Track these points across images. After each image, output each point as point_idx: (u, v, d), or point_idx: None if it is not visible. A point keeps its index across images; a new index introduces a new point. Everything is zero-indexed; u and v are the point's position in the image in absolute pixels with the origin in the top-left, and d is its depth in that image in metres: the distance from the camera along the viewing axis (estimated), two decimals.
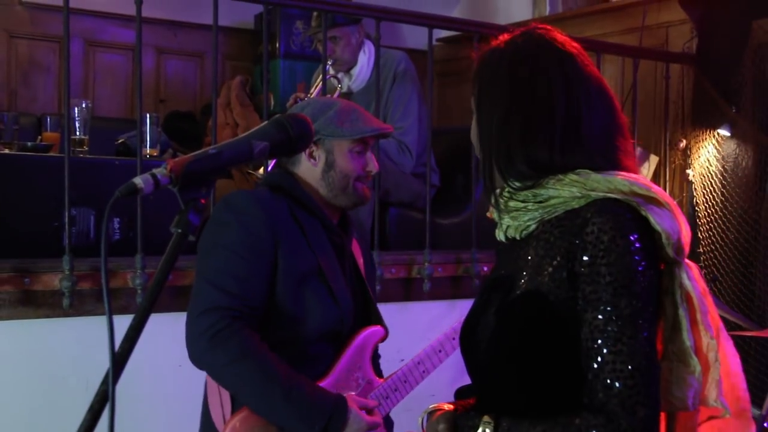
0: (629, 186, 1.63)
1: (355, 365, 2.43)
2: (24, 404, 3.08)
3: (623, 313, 1.56)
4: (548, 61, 1.74)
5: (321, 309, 2.37)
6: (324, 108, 2.49)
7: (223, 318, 2.20)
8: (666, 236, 1.61)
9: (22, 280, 3.11)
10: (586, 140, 1.69)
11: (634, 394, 1.54)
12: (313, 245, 2.40)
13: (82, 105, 3.93)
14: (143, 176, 1.30)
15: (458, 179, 4.74)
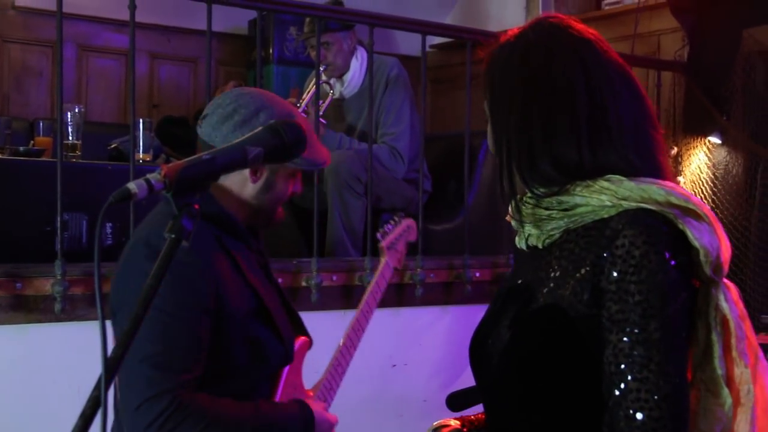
0: (665, 196, 1.48)
1: (293, 388, 2.29)
2: (15, 409, 3.07)
3: (652, 336, 1.41)
4: (563, 49, 1.60)
5: (269, 352, 2.19)
6: (260, 106, 2.23)
7: (170, 403, 1.93)
8: (705, 253, 1.46)
9: (14, 284, 3.09)
10: (615, 132, 1.55)
11: (659, 427, 1.39)
12: (249, 279, 2.17)
13: (75, 110, 3.92)
14: (137, 181, 1.29)
15: (450, 185, 4.74)
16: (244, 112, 2.20)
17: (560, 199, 1.54)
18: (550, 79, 1.58)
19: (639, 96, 1.62)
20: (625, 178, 1.50)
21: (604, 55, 1.61)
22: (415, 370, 3.79)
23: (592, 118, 1.54)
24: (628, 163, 1.53)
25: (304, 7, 4.29)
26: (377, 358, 3.59)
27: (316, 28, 4.12)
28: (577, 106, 1.55)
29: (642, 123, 1.60)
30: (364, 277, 3.79)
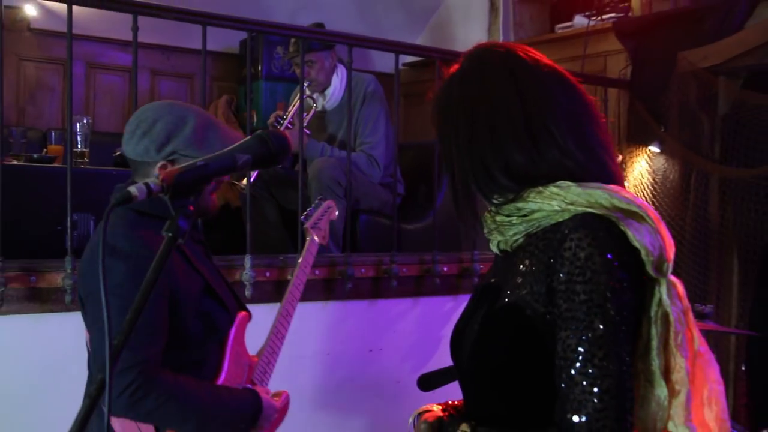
0: (610, 199, 1.46)
1: (238, 355, 2.30)
2: (30, 389, 3.06)
3: (596, 333, 1.39)
4: (492, 67, 1.59)
5: (217, 323, 2.24)
6: (179, 123, 2.20)
7: (137, 377, 2.00)
8: (645, 252, 1.43)
9: (29, 278, 3.09)
10: (556, 132, 1.52)
11: (601, 418, 1.37)
12: (195, 264, 2.22)
13: (84, 121, 3.91)
14: (138, 185, 1.29)
15: (421, 189, 4.75)
16: (144, 126, 2.20)
17: (517, 206, 1.53)
18: (486, 96, 1.57)
19: (576, 96, 1.59)
20: (573, 184, 1.48)
21: (533, 63, 1.59)
22: (389, 354, 3.80)
23: (530, 122, 1.52)
24: (574, 162, 1.51)
25: (290, 29, 4.30)
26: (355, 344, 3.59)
27: (300, 48, 4.12)
28: (514, 115, 1.53)
29: (583, 121, 1.57)
30: (344, 271, 3.79)
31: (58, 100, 5.96)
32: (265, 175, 4.53)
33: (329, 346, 3.45)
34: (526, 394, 1.51)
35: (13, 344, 3.08)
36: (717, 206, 4.66)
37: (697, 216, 4.70)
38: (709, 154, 4.69)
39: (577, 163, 1.51)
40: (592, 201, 1.46)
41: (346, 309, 3.78)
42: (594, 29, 5.46)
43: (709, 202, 4.69)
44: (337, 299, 3.80)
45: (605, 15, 5.57)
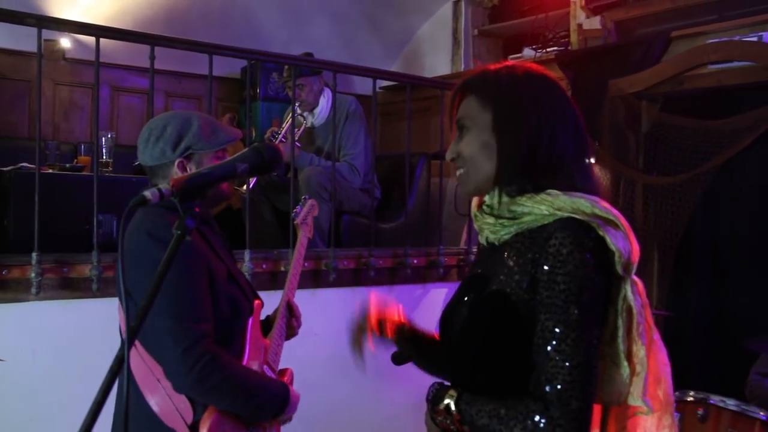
0: (591, 208, 1.46)
1: (256, 337, 2.21)
2: (62, 365, 3.05)
3: (571, 318, 1.41)
4: (552, 82, 1.60)
5: (242, 307, 2.15)
6: (185, 124, 2.16)
7: (205, 352, 1.92)
8: (618, 255, 1.45)
9: (61, 269, 3.08)
10: (575, 153, 1.54)
11: (569, 388, 1.39)
12: (219, 253, 2.14)
13: (108, 136, 3.90)
14: (151, 190, 1.27)
15: (395, 193, 4.75)
16: (156, 132, 2.16)
17: (510, 208, 1.51)
18: (556, 105, 1.56)
19: (582, 131, 1.59)
20: (561, 193, 1.48)
21: (565, 98, 1.59)
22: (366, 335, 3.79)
23: (573, 140, 1.54)
24: (572, 181, 1.51)
25: (284, 57, 4.30)
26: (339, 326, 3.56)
27: (292, 74, 4.11)
28: (568, 129, 1.54)
29: (583, 152, 1.58)
30: (329, 264, 3.78)
31: (87, 118, 5.92)
32: (261, 181, 4.51)
33: (316, 327, 3.43)
34: (506, 368, 1.50)
35: (49, 325, 3.07)
36: (641, 208, 4.68)
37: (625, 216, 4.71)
38: (634, 164, 4.71)
39: (576, 186, 1.52)
40: (575, 208, 1.46)
41: (330, 296, 3.77)
42: (540, 60, 5.47)
43: (635, 204, 4.71)
44: (323, 287, 3.79)
45: (549, 48, 5.59)
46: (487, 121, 1.56)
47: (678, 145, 4.40)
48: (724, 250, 4.42)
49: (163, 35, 3.54)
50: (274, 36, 6.23)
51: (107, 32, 3.38)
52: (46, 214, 3.04)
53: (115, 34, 3.46)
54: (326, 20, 6.50)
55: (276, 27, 6.28)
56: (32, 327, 3.02)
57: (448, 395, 1.55)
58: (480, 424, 1.49)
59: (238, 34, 5.69)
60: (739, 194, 4.33)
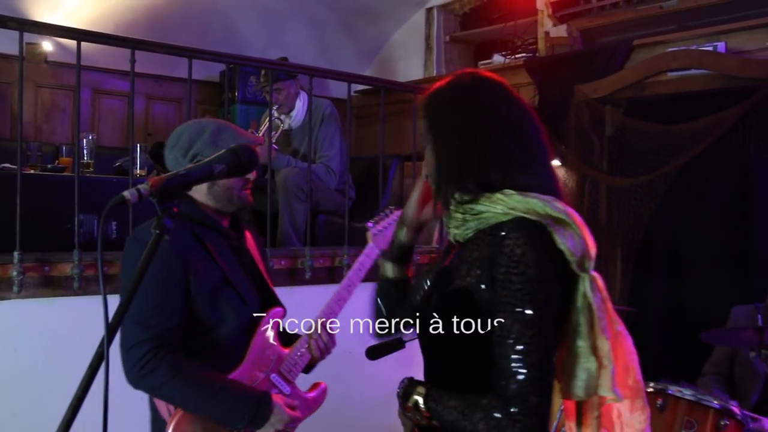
0: (544, 207, 1.46)
1: (265, 346, 2.15)
2: (43, 362, 3.01)
3: (526, 316, 1.41)
4: (485, 91, 1.58)
5: (234, 312, 2.08)
6: (198, 131, 2.15)
7: (148, 351, 1.93)
8: (569, 253, 1.44)
9: (43, 268, 3.05)
10: (528, 158, 1.54)
11: (527, 385, 1.39)
12: (217, 259, 2.09)
13: (89, 137, 3.86)
14: (130, 190, 1.27)
15: (369, 194, 4.75)
16: (173, 140, 2.15)
17: (471, 207, 1.52)
18: (480, 115, 1.55)
19: (529, 133, 1.58)
20: (515, 193, 1.48)
21: (514, 95, 1.59)
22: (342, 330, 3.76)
23: (509, 145, 1.53)
24: (529, 179, 1.51)
25: (261, 61, 4.27)
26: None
27: (269, 78, 4.09)
28: (499, 136, 1.53)
29: (533, 153, 1.57)
30: (305, 262, 3.77)
31: (69, 120, 5.86)
32: None
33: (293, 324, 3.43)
34: (469, 365, 1.51)
35: (31, 322, 3.03)
36: (605, 208, 4.72)
37: (590, 216, 4.76)
38: (599, 166, 4.75)
39: (531, 186, 1.51)
40: (528, 208, 1.46)
41: (306, 293, 3.75)
42: (509, 66, 5.51)
43: (599, 204, 4.75)
44: (299, 285, 3.77)
45: (518, 54, 5.62)
46: (429, 137, 1.61)
47: (640, 148, 4.45)
48: (682, 249, 4.48)
49: (144, 39, 3.52)
50: (252, 41, 6.20)
51: (89, 36, 3.34)
52: (28, 213, 3.00)
53: (97, 37, 3.43)
54: (303, 26, 6.48)
55: (254, 32, 6.26)
56: (14, 324, 2.99)
57: (417, 392, 1.55)
58: (446, 420, 1.50)
59: (217, 39, 5.65)
60: (697, 195, 4.38)
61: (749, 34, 4.15)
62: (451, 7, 6.56)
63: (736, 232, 4.18)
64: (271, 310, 2.20)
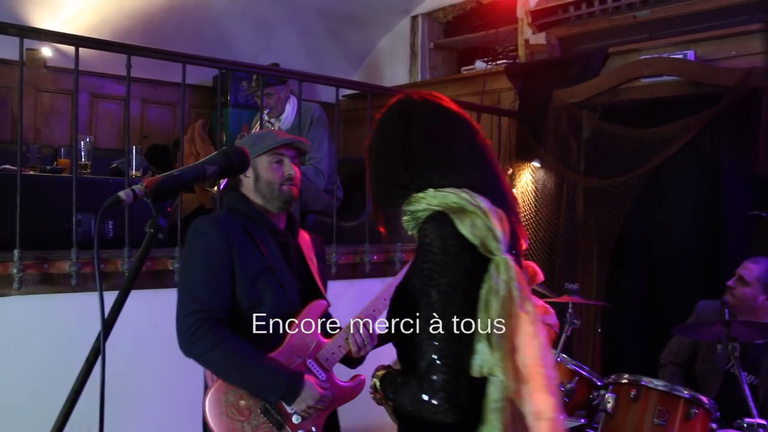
0: (456, 199, 1.52)
1: (304, 333, 2.23)
2: (43, 356, 3.00)
3: (431, 300, 1.46)
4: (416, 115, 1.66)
5: (273, 297, 2.19)
6: (252, 139, 2.38)
7: (197, 321, 2.09)
8: (471, 238, 1.47)
9: (42, 265, 3.04)
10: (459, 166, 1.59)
11: (433, 363, 1.44)
12: (262, 249, 2.22)
13: (87, 140, 3.83)
14: (125, 191, 1.28)
15: (356, 195, 4.75)
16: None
17: (406, 208, 1.59)
18: (411, 137, 1.63)
19: (476, 139, 1.65)
20: (432, 190, 1.56)
21: (454, 116, 1.66)
22: None
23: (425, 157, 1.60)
24: (458, 181, 1.57)
25: (253, 67, 4.28)
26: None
27: (260, 83, 4.09)
28: (427, 151, 1.61)
29: (483, 156, 1.65)
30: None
31: (67, 123, 5.83)
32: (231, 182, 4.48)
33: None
34: (409, 349, 1.55)
35: (30, 318, 3.02)
36: (582, 208, 4.75)
37: (568, 215, 4.79)
38: (576, 168, 4.77)
39: (454, 178, 1.58)
40: (442, 202, 1.53)
41: None
42: (490, 71, 5.53)
43: (577, 204, 4.78)
44: None
45: (499, 61, 5.64)
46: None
47: (615, 151, 4.48)
48: (656, 246, 4.50)
49: (140, 45, 3.50)
50: (244, 47, 6.19)
51: (86, 42, 3.33)
52: (28, 213, 2.99)
53: (94, 43, 3.42)
54: (293, 33, 6.48)
55: (246, 39, 6.25)
56: (14, 320, 2.98)
57: (376, 375, 1.69)
58: (390, 398, 1.62)
59: (211, 45, 5.64)
60: (669, 196, 4.41)
61: (717, 44, 4.19)
62: (435, 15, 6.57)
63: (705, 232, 4.21)
64: (314, 302, 2.29)
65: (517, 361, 1.48)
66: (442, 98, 1.70)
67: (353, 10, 6.44)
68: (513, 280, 1.49)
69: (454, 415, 1.45)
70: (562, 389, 3.28)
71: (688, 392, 3.05)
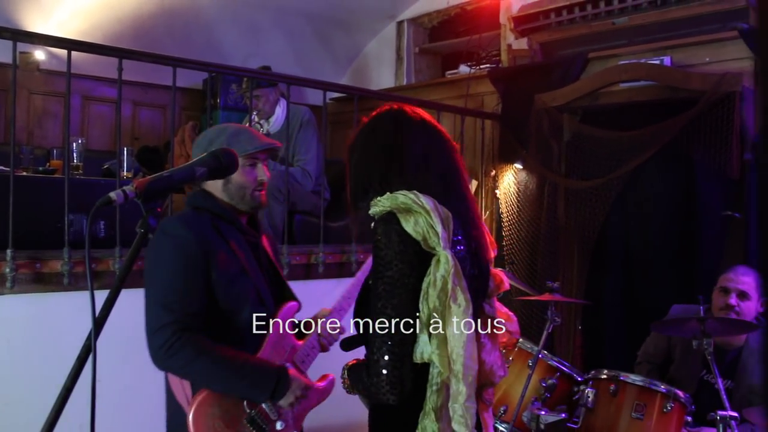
0: (403, 200, 1.61)
1: (280, 337, 2.15)
2: (35, 355, 2.99)
3: (378, 291, 1.56)
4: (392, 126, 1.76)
5: (250, 302, 2.09)
6: (218, 133, 2.18)
7: (173, 333, 1.93)
8: (414, 234, 1.57)
9: (35, 265, 3.01)
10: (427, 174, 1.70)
11: (377, 352, 1.54)
12: (235, 250, 2.10)
13: (79, 141, 3.81)
14: (116, 191, 1.27)
15: (343, 195, 4.72)
16: (197, 141, 2.19)
17: (371, 212, 1.69)
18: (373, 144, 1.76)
19: (436, 143, 1.76)
20: (388, 194, 1.65)
21: (428, 128, 1.76)
22: None
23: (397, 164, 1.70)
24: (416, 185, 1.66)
25: (242, 70, 4.26)
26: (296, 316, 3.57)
27: (250, 85, 4.08)
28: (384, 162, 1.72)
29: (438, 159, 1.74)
30: (282, 260, 3.76)
31: (59, 125, 5.79)
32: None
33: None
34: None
35: (23, 316, 3.01)
36: (563, 208, 4.76)
37: (550, 216, 4.80)
38: (557, 170, 4.79)
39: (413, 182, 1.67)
40: (392, 203, 1.62)
41: None
42: (474, 75, 5.54)
43: (558, 205, 4.80)
44: None
45: (482, 65, 5.66)
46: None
47: (595, 153, 4.50)
48: (634, 246, 4.53)
49: (131, 49, 3.49)
50: (233, 50, 6.18)
51: (78, 45, 3.31)
52: (20, 213, 2.97)
53: (86, 47, 3.40)
54: (282, 37, 6.47)
55: (235, 42, 6.23)
56: (7, 318, 2.96)
57: (346, 366, 1.77)
58: (354, 387, 1.72)
59: (201, 49, 5.62)
60: (647, 197, 4.44)
61: (692, 50, 4.23)
62: (421, 20, 6.58)
63: (681, 232, 4.24)
64: (286, 304, 2.21)
65: (448, 349, 1.59)
66: (408, 107, 1.81)
67: (341, 15, 6.44)
68: (449, 274, 1.58)
69: (396, 397, 1.54)
70: (544, 385, 3.29)
71: (665, 387, 3.08)
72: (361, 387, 1.62)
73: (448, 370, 1.58)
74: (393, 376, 1.53)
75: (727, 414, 2.82)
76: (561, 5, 4.93)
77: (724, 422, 2.82)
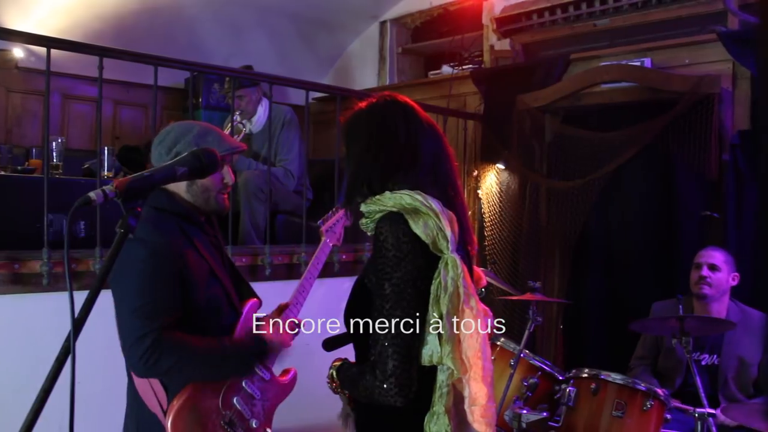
0: (411, 202, 1.59)
1: (246, 332, 2.16)
2: (14, 356, 2.95)
3: (384, 292, 1.53)
4: (391, 118, 1.71)
5: (221, 303, 2.10)
6: (185, 132, 2.11)
7: (151, 344, 1.89)
8: (423, 236, 1.55)
9: (13, 265, 2.98)
10: (424, 169, 1.68)
11: (385, 351, 1.52)
12: (201, 252, 2.07)
13: (59, 140, 3.78)
14: (96, 191, 1.25)
15: (326, 195, 4.74)
16: (160, 138, 2.14)
17: (364, 210, 1.66)
18: (383, 138, 1.70)
19: (441, 145, 1.76)
20: (389, 193, 1.62)
21: (422, 121, 1.74)
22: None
23: (408, 162, 1.67)
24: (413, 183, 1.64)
25: (224, 69, 4.24)
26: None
27: (232, 85, 4.06)
28: (388, 153, 1.68)
29: (443, 161, 1.74)
30: (265, 259, 3.74)
31: (39, 124, 5.73)
32: None
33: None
34: (365, 341, 1.62)
35: (1, 318, 2.96)
36: (545, 208, 4.79)
37: (531, 216, 4.82)
38: (539, 170, 4.81)
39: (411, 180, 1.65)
40: (397, 203, 1.60)
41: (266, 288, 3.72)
42: (456, 76, 5.55)
43: (540, 205, 4.82)
44: (259, 281, 3.74)
45: (465, 66, 5.67)
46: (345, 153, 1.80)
47: (576, 154, 4.52)
48: (615, 246, 4.56)
49: (112, 47, 3.45)
50: (215, 50, 6.14)
51: (58, 43, 3.27)
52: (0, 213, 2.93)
53: (66, 45, 3.36)
54: (264, 36, 6.44)
55: (217, 41, 6.19)
56: None
57: (333, 366, 1.75)
58: (347, 388, 1.69)
59: (183, 48, 5.57)
60: (627, 197, 4.47)
61: (672, 52, 4.27)
62: (404, 20, 6.58)
63: (661, 231, 4.28)
64: (249, 301, 2.22)
65: (461, 352, 1.58)
66: (412, 103, 1.77)
67: (323, 15, 6.43)
68: (460, 278, 1.58)
69: (404, 399, 1.53)
70: (526, 384, 3.30)
71: (645, 385, 3.12)
72: (361, 388, 1.58)
73: (461, 371, 1.58)
74: (402, 378, 1.52)
75: (705, 411, 2.87)
76: (543, 7, 4.96)
77: (702, 419, 2.87)
